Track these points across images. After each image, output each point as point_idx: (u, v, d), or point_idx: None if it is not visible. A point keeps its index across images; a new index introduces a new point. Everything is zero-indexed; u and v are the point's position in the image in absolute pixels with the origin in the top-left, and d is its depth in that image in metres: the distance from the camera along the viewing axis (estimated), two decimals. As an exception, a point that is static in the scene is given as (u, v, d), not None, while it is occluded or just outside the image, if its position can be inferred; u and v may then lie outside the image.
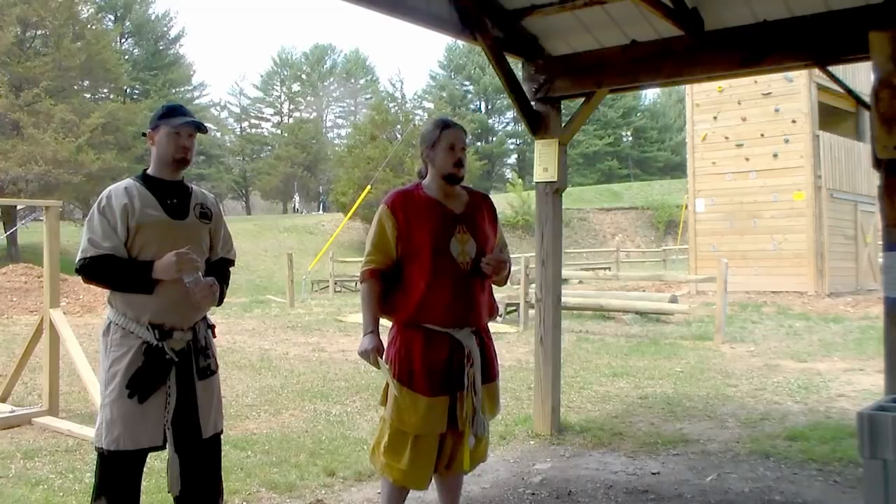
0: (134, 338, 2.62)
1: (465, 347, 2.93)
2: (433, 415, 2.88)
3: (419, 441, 2.91)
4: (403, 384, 2.90)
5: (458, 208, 3.02)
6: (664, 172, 56.09)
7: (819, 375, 7.33)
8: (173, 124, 2.73)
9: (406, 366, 2.92)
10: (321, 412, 5.92)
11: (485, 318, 3.06)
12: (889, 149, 3.64)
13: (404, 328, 2.96)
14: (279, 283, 20.94)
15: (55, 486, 4.05)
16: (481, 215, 3.08)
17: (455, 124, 3.08)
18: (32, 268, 16.09)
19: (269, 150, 55.93)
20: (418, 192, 3.03)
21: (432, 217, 2.95)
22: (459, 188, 3.09)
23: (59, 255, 5.92)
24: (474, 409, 2.92)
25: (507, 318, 12.53)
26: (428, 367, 2.88)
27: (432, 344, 2.90)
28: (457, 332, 2.93)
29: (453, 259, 2.90)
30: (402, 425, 2.92)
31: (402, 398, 2.90)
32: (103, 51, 28.72)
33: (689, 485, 4.03)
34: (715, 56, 4.62)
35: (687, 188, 17.15)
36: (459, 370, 2.91)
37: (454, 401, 2.90)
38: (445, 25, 4.80)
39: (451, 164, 2.98)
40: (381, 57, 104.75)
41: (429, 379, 2.88)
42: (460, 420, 2.91)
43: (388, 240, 2.95)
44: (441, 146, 2.99)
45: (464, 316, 2.94)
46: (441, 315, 2.90)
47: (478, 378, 2.94)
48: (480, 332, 3.04)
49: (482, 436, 3.01)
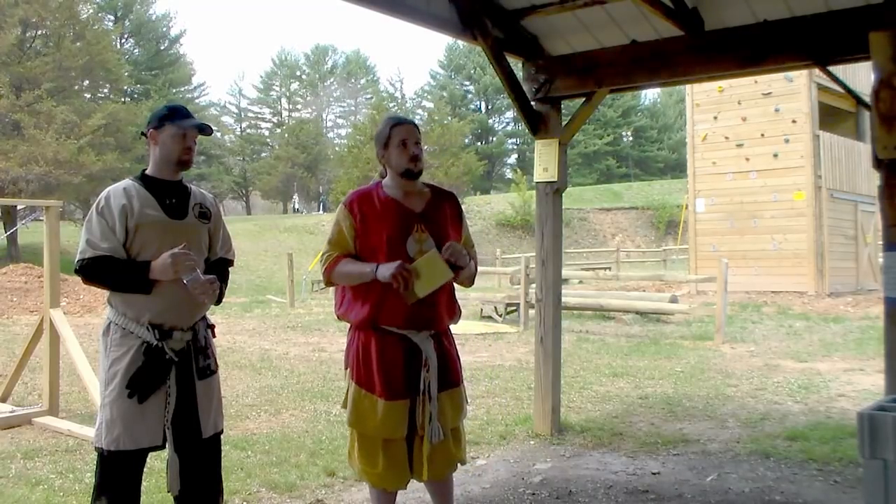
0: (134, 338, 2.62)
1: (422, 352, 2.87)
2: (392, 418, 2.83)
3: (389, 445, 2.87)
4: (362, 387, 2.88)
5: (417, 207, 2.96)
6: (664, 172, 56.12)
7: (819, 375, 7.33)
8: (182, 126, 2.73)
9: (364, 368, 2.88)
10: (321, 412, 5.92)
11: (445, 321, 3.00)
12: (889, 149, 3.64)
13: (361, 330, 2.92)
14: (279, 283, 20.94)
15: (55, 486, 4.05)
16: (443, 214, 3.01)
17: (405, 120, 3.04)
18: (32, 268, 16.10)
19: (268, 151, 55.96)
20: (377, 191, 2.99)
21: (389, 216, 2.90)
22: (423, 186, 3.04)
23: (59, 255, 5.92)
24: (430, 415, 2.84)
25: (508, 318, 12.53)
26: (385, 370, 2.84)
27: (389, 346, 2.86)
28: (414, 336, 2.87)
29: (410, 258, 2.82)
30: (362, 429, 2.89)
31: (360, 401, 2.87)
32: (104, 51, 28.72)
33: (690, 485, 4.03)
34: (715, 56, 4.62)
35: (687, 188, 17.16)
36: (417, 374, 2.85)
37: (415, 405, 2.86)
38: (445, 25, 4.80)
39: (406, 160, 2.93)
40: (382, 57, 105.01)
41: (386, 382, 2.83)
42: (419, 426, 2.85)
43: (345, 238, 2.92)
44: (393, 143, 2.95)
45: (421, 318, 2.87)
46: (398, 317, 2.84)
47: (433, 384, 2.87)
48: (440, 335, 2.98)
49: (441, 442, 2.88)
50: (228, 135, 56.18)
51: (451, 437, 2.96)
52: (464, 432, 3.11)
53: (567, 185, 5.36)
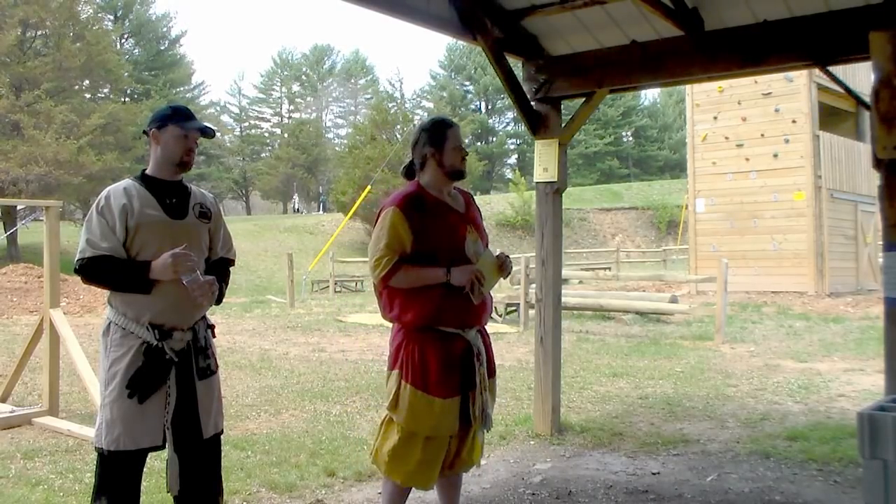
0: (134, 338, 2.61)
1: (474, 347, 2.98)
2: (448, 416, 2.91)
3: (430, 443, 2.93)
4: (417, 388, 2.90)
5: (460, 207, 3.08)
6: (664, 172, 56.11)
7: (819, 375, 7.33)
8: (186, 127, 2.73)
9: (420, 369, 2.91)
10: (321, 412, 5.92)
11: (485, 318, 3.12)
12: (889, 149, 3.63)
13: (416, 331, 2.94)
14: (279, 283, 20.94)
15: (55, 486, 4.04)
16: (477, 214, 3.18)
17: (456, 125, 3.16)
18: (32, 268, 16.10)
19: (268, 151, 55.94)
20: (423, 193, 3.01)
21: (444, 218, 2.98)
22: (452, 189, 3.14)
23: (59, 256, 5.92)
24: (484, 405, 2.98)
25: (508, 318, 12.53)
26: (445, 369, 2.90)
27: (448, 346, 2.93)
28: (467, 333, 2.98)
29: (468, 260, 2.95)
30: (415, 428, 2.92)
31: (416, 402, 2.90)
32: (104, 51, 28.72)
33: (690, 485, 4.03)
34: (715, 56, 4.62)
35: (687, 188, 17.16)
36: (470, 369, 2.95)
37: (466, 400, 2.94)
38: (445, 25, 4.80)
39: (459, 161, 3.05)
40: (381, 57, 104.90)
41: (446, 381, 2.90)
42: (474, 418, 2.95)
43: (402, 241, 2.89)
44: (450, 144, 3.04)
45: (474, 316, 2.99)
46: (457, 317, 2.94)
47: (486, 376, 3.02)
48: (482, 330, 3.11)
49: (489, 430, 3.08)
50: (228, 135, 56.16)
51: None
52: None
53: (567, 185, 5.37)
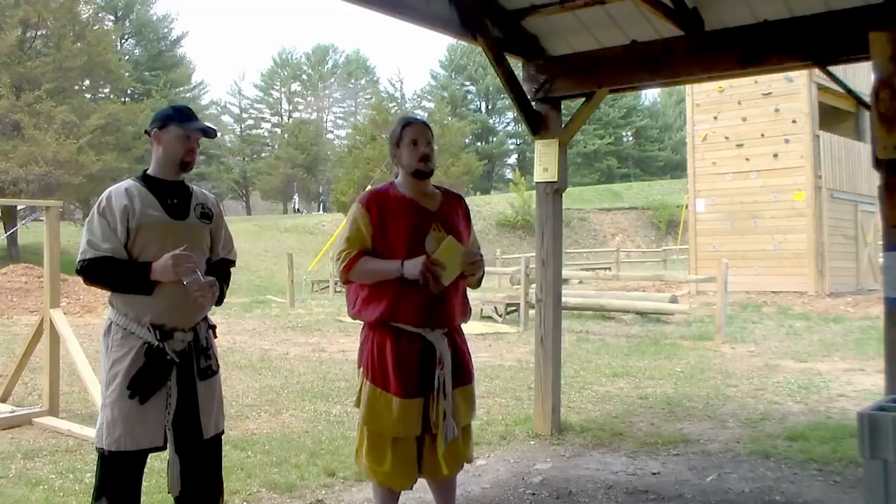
0: (135, 338, 2.62)
1: (437, 350, 2.89)
2: (407, 417, 2.85)
3: (398, 444, 2.88)
4: (377, 385, 2.89)
5: (432, 206, 3.00)
6: (664, 172, 56.10)
7: (819, 375, 7.33)
8: (187, 128, 2.73)
9: (379, 367, 2.90)
10: (321, 412, 5.92)
11: (457, 319, 3.02)
12: (889, 149, 3.63)
13: (376, 328, 2.93)
14: (279, 284, 20.94)
15: (55, 486, 4.05)
16: (456, 214, 3.06)
17: (417, 120, 3.08)
18: (32, 268, 16.09)
19: (268, 151, 55.93)
20: (392, 190, 3.00)
21: (406, 214, 2.93)
22: (434, 189, 3.07)
23: (60, 256, 5.92)
24: (445, 413, 2.87)
25: (508, 318, 12.53)
26: (401, 368, 2.86)
27: (404, 344, 2.87)
28: (428, 334, 2.89)
29: (428, 256, 2.85)
30: (376, 427, 2.90)
31: (375, 399, 2.89)
32: (104, 52, 28.70)
33: (690, 485, 4.03)
34: (715, 56, 4.61)
35: (687, 188, 17.15)
36: (431, 372, 2.87)
37: (428, 403, 2.87)
38: (445, 25, 4.80)
39: (416, 160, 2.95)
40: (382, 57, 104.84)
41: (402, 380, 2.85)
42: (433, 424, 2.87)
43: (363, 235, 2.92)
44: (404, 143, 2.97)
45: (436, 316, 2.90)
46: (414, 315, 2.86)
47: (448, 381, 2.89)
48: (453, 333, 3.00)
49: (452, 440, 2.91)
50: (228, 135, 56.15)
51: (462, 435, 2.99)
52: (471, 431, 3.13)
53: (567, 185, 5.37)
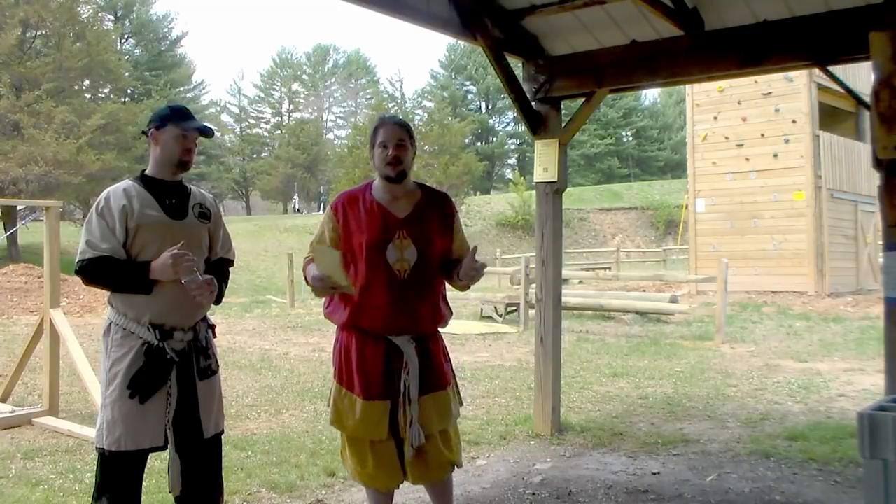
0: (135, 338, 2.62)
1: (405, 355, 2.84)
2: (370, 418, 2.82)
3: (377, 446, 2.86)
4: (342, 385, 2.89)
5: (402, 212, 2.88)
6: (664, 172, 56.11)
7: (819, 375, 7.33)
8: (184, 127, 2.72)
9: (345, 367, 2.89)
10: (321, 412, 5.91)
11: (427, 326, 2.94)
12: (889, 149, 3.64)
13: (344, 329, 2.94)
14: (279, 283, 20.93)
15: (55, 486, 4.05)
16: (429, 219, 2.92)
17: (389, 120, 2.93)
18: (32, 268, 16.09)
19: (268, 151, 55.91)
20: (365, 193, 2.93)
21: (371, 222, 2.85)
22: (415, 188, 2.97)
23: (60, 256, 5.92)
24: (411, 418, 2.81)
25: (508, 319, 12.53)
26: (363, 370, 2.84)
27: (368, 347, 2.86)
28: (395, 338, 2.85)
29: (388, 266, 2.81)
30: (341, 427, 2.90)
31: (340, 399, 2.88)
32: (104, 52, 28.67)
33: (690, 485, 4.03)
34: (715, 56, 4.62)
35: (687, 188, 17.15)
36: (397, 376, 2.83)
37: (396, 407, 2.83)
38: (445, 25, 4.80)
39: (383, 164, 2.85)
40: (382, 57, 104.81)
41: (364, 382, 2.83)
42: (401, 428, 2.82)
43: (324, 236, 2.95)
44: (376, 144, 2.89)
45: (400, 323, 2.84)
46: (375, 320, 2.84)
47: (413, 387, 2.82)
48: (425, 339, 2.92)
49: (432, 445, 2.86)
50: (228, 134, 56.13)
51: (440, 439, 2.91)
52: (457, 435, 3.05)
53: (567, 185, 5.37)
